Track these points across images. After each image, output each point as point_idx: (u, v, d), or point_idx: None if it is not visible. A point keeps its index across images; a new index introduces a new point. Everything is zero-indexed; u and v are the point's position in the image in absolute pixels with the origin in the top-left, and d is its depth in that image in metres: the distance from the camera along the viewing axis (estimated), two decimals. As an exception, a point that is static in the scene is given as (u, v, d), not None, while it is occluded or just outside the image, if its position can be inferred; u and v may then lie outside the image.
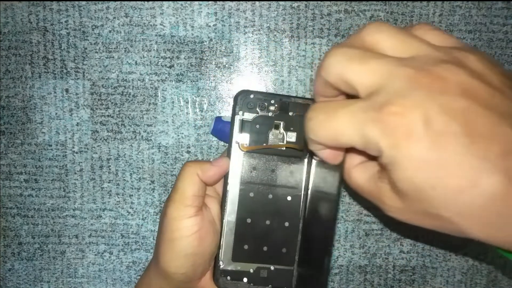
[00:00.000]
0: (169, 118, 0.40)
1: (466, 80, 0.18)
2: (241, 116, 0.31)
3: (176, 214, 0.29)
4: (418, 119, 0.18)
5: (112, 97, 0.40)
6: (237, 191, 0.31)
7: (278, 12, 0.39)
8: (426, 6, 0.39)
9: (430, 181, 0.18)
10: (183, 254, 0.29)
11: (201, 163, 0.30)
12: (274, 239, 0.32)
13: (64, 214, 0.41)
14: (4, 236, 0.41)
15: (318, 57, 0.39)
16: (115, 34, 0.39)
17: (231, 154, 0.31)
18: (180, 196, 0.29)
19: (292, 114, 0.32)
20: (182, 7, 0.39)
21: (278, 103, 0.32)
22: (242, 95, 0.31)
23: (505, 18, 0.39)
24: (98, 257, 0.41)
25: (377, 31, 0.21)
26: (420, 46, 0.20)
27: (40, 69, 0.40)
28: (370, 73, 0.19)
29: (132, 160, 0.40)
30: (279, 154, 0.32)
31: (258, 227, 0.32)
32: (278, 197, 0.32)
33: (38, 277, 0.42)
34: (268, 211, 0.32)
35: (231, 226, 0.31)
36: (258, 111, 0.31)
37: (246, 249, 0.32)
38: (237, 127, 0.31)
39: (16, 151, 0.40)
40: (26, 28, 0.39)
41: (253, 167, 0.32)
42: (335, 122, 0.20)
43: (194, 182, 0.30)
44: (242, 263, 0.32)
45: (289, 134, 0.32)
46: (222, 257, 0.31)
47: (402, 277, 0.41)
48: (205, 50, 0.39)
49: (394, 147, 0.18)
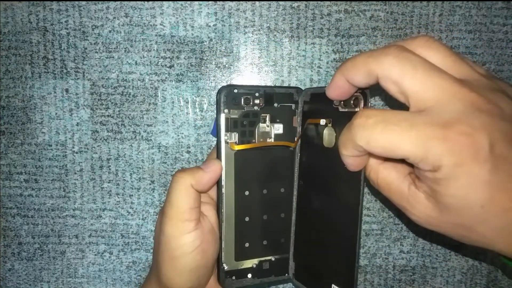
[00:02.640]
0: (169, 118, 0.40)
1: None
2: (228, 114, 0.30)
3: (175, 232, 0.27)
4: (485, 141, 0.18)
5: (112, 97, 0.40)
6: (232, 192, 0.31)
7: (278, 12, 0.39)
8: (426, 6, 0.39)
9: (481, 200, 0.19)
10: (187, 270, 0.28)
11: (193, 172, 0.28)
12: (273, 231, 0.32)
13: (64, 214, 0.41)
14: (4, 236, 0.41)
15: (318, 57, 0.39)
16: (115, 34, 0.39)
17: (222, 155, 0.30)
18: (176, 211, 0.28)
19: (277, 105, 0.31)
20: (182, 7, 0.39)
21: (263, 95, 0.31)
22: (226, 91, 0.30)
23: (505, 18, 0.39)
24: (98, 257, 0.41)
25: (429, 47, 0.21)
26: (470, 70, 0.21)
27: (40, 69, 0.40)
28: (434, 88, 0.20)
29: (132, 160, 0.40)
30: (268, 147, 0.31)
31: (256, 223, 0.32)
32: (273, 191, 0.32)
33: (38, 277, 0.42)
34: (264, 206, 0.32)
35: (230, 228, 0.31)
36: (244, 107, 0.31)
37: (247, 247, 0.32)
38: (224, 126, 0.30)
39: (16, 151, 0.40)
40: (26, 28, 0.39)
41: (245, 165, 0.31)
42: (396, 135, 0.20)
43: (188, 194, 0.28)
44: (245, 261, 0.32)
45: (276, 126, 0.32)
46: (225, 259, 0.31)
47: (402, 277, 0.41)
48: (205, 50, 0.39)
49: (458, 165, 0.19)
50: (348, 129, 0.22)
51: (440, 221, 0.21)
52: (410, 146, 0.19)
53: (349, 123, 0.22)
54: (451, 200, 0.20)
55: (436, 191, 0.20)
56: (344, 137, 0.23)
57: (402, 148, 0.20)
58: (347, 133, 0.22)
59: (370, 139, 0.20)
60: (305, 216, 0.32)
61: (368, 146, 0.21)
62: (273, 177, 0.32)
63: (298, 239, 0.33)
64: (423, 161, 0.20)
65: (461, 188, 0.19)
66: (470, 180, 0.19)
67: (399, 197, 0.23)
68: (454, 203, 0.20)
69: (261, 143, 0.31)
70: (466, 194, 0.19)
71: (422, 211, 0.22)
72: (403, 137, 0.19)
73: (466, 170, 0.19)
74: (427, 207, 0.21)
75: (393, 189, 0.24)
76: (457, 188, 0.19)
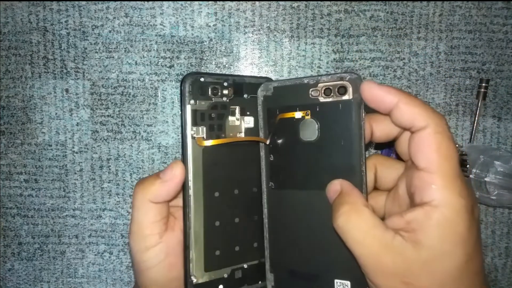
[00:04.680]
0: (169, 118, 0.40)
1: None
2: (194, 106, 0.27)
3: (137, 247, 0.27)
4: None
5: (112, 97, 0.40)
6: (200, 193, 0.27)
7: (278, 12, 0.39)
8: (426, 6, 0.39)
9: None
10: (155, 283, 0.27)
11: (149, 185, 0.26)
12: (245, 235, 0.29)
13: (64, 214, 0.41)
14: (4, 236, 0.41)
15: (318, 57, 0.39)
16: (115, 34, 0.39)
17: (187, 152, 0.27)
18: (137, 226, 0.27)
19: (247, 96, 0.29)
20: (182, 7, 0.39)
21: (232, 85, 0.28)
22: (191, 79, 0.27)
23: (505, 18, 0.39)
24: (98, 257, 0.41)
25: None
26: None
27: (40, 69, 0.40)
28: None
29: (132, 160, 0.40)
30: (238, 143, 0.29)
31: (227, 228, 0.29)
32: (244, 191, 0.29)
33: (38, 277, 0.42)
34: (236, 208, 0.29)
35: (199, 234, 0.28)
36: (212, 97, 0.27)
37: (218, 255, 0.28)
38: (190, 119, 0.27)
39: (16, 151, 0.40)
40: (26, 28, 0.39)
41: (214, 162, 0.28)
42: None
43: (147, 209, 0.26)
44: (215, 271, 0.28)
45: (246, 119, 0.29)
46: (193, 271, 0.27)
47: (402, 277, 0.41)
48: (205, 50, 0.39)
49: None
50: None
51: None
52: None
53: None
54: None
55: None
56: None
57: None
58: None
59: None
60: (281, 220, 0.29)
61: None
62: (244, 176, 0.29)
63: (275, 247, 0.29)
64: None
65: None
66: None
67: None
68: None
69: (232, 138, 0.28)
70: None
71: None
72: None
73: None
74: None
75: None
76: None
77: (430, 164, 0.21)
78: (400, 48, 0.39)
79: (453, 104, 0.40)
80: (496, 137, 0.40)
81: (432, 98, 0.39)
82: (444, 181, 0.20)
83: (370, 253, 0.21)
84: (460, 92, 0.40)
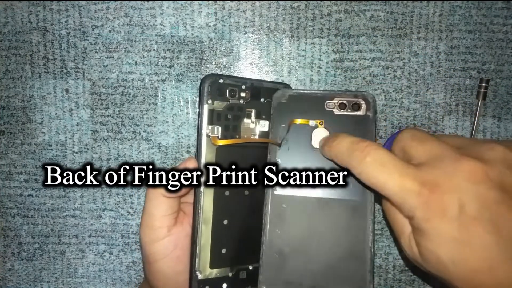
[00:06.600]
0: (169, 118, 0.40)
1: (503, 175, 0.21)
2: (211, 106, 0.28)
3: (146, 238, 0.28)
4: (454, 202, 0.20)
5: (112, 97, 0.40)
6: (211, 191, 0.28)
7: (278, 12, 0.39)
8: (426, 6, 0.39)
9: (451, 256, 0.20)
10: (164, 276, 0.28)
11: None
12: (253, 237, 0.29)
13: (64, 214, 0.41)
14: (4, 236, 0.41)
15: (318, 57, 0.39)
16: (115, 34, 0.39)
17: (201, 150, 0.28)
18: (148, 219, 0.28)
19: (263, 100, 0.30)
20: (182, 7, 0.39)
21: (249, 88, 0.29)
22: (210, 80, 0.28)
23: (505, 18, 0.39)
24: (98, 257, 0.41)
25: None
26: (464, 140, 0.25)
27: (40, 69, 0.40)
28: (431, 149, 0.23)
29: (132, 160, 0.40)
30: (251, 146, 0.29)
31: (235, 227, 0.29)
32: (255, 192, 0.30)
33: (38, 277, 0.42)
34: (245, 209, 0.30)
35: (207, 231, 0.28)
36: (229, 99, 0.28)
37: (224, 253, 0.29)
38: (207, 118, 0.28)
39: (16, 151, 0.40)
40: (26, 28, 0.39)
41: (227, 162, 0.28)
42: (383, 179, 0.22)
43: (159, 202, 0.28)
44: (220, 269, 0.29)
45: (261, 122, 0.30)
46: (198, 266, 0.28)
47: (402, 277, 0.41)
48: (205, 50, 0.39)
49: (426, 220, 0.21)
50: (346, 151, 0.24)
51: (422, 265, 0.23)
52: (393, 192, 0.22)
53: (349, 145, 0.24)
54: (425, 252, 0.22)
55: (416, 239, 0.22)
56: (337, 150, 0.25)
57: (386, 190, 0.22)
58: (342, 151, 0.24)
59: (362, 173, 0.23)
60: (282, 227, 0.28)
61: (359, 176, 0.23)
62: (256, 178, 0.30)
63: (270, 257, 0.28)
64: (401, 207, 0.22)
65: (431, 242, 0.21)
66: (438, 235, 0.21)
67: (398, 224, 0.25)
68: (428, 255, 0.22)
69: (247, 139, 0.29)
70: (436, 248, 0.21)
71: (410, 251, 0.24)
72: (389, 182, 0.22)
73: (434, 226, 0.21)
74: (414, 250, 0.23)
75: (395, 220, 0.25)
76: (428, 240, 0.21)
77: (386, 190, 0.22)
78: (400, 48, 0.39)
79: (453, 104, 0.40)
80: (496, 137, 0.40)
81: (432, 98, 0.39)
82: (400, 189, 0.22)
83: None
84: (460, 92, 0.40)
